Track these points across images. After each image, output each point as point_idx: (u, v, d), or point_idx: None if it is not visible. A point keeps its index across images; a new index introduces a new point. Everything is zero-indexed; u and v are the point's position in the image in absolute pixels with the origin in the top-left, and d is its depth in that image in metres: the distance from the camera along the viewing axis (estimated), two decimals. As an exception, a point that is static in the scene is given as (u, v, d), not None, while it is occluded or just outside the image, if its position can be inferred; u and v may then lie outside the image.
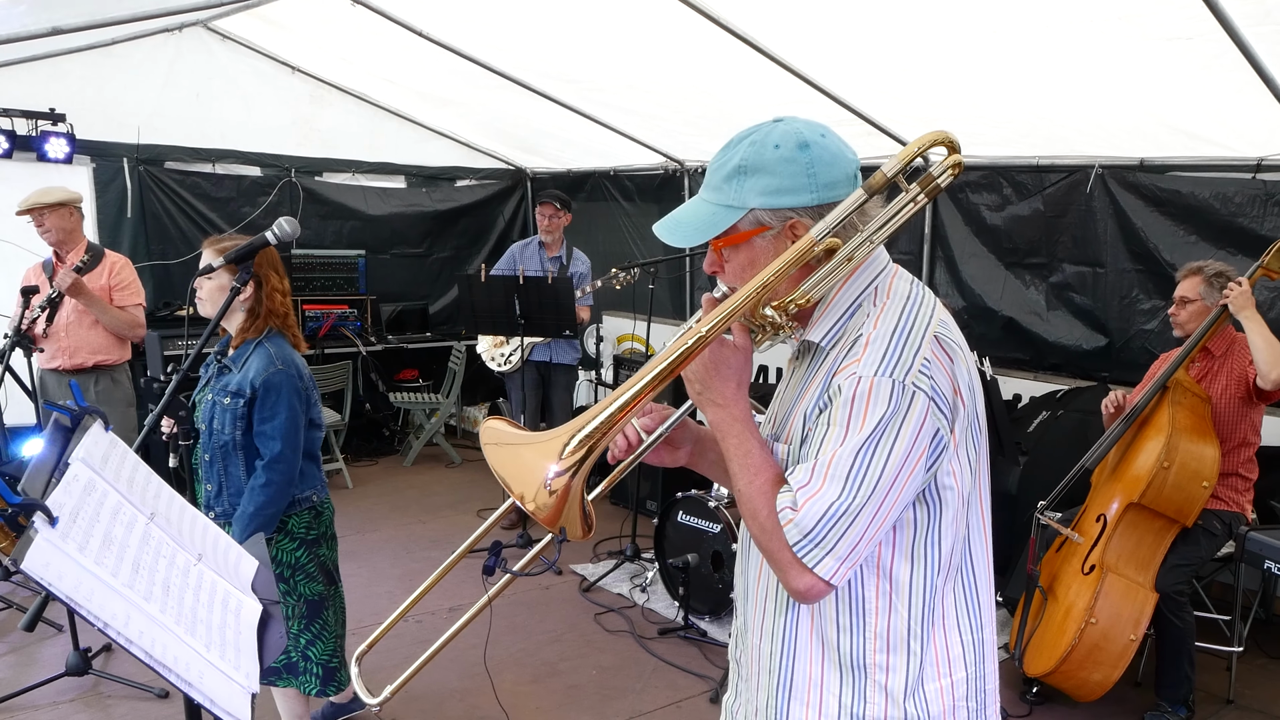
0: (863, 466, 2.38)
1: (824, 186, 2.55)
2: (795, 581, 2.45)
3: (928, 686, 2.65)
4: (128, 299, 8.54)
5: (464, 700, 6.91)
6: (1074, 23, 6.86)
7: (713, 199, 2.65)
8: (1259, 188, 8.20)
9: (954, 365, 2.52)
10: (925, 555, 2.60)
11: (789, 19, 7.84)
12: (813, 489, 2.41)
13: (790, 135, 2.58)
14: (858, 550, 2.42)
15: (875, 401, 2.41)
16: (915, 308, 2.58)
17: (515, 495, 2.43)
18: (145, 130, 11.50)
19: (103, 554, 2.52)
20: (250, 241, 4.99)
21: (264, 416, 5.43)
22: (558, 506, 2.42)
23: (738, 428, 2.59)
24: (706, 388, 2.61)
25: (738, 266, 2.67)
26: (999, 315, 10.00)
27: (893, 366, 2.43)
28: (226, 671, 2.67)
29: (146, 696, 6.82)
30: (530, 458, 2.47)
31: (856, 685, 2.65)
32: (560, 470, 2.42)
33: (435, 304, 14.38)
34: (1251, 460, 6.95)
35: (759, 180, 2.56)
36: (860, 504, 2.38)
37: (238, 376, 5.44)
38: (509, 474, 2.47)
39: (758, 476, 2.54)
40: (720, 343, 2.56)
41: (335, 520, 5.97)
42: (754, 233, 2.60)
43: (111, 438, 3.01)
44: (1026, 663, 6.79)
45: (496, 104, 11.71)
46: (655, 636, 7.96)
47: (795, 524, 2.40)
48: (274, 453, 5.43)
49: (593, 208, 13.95)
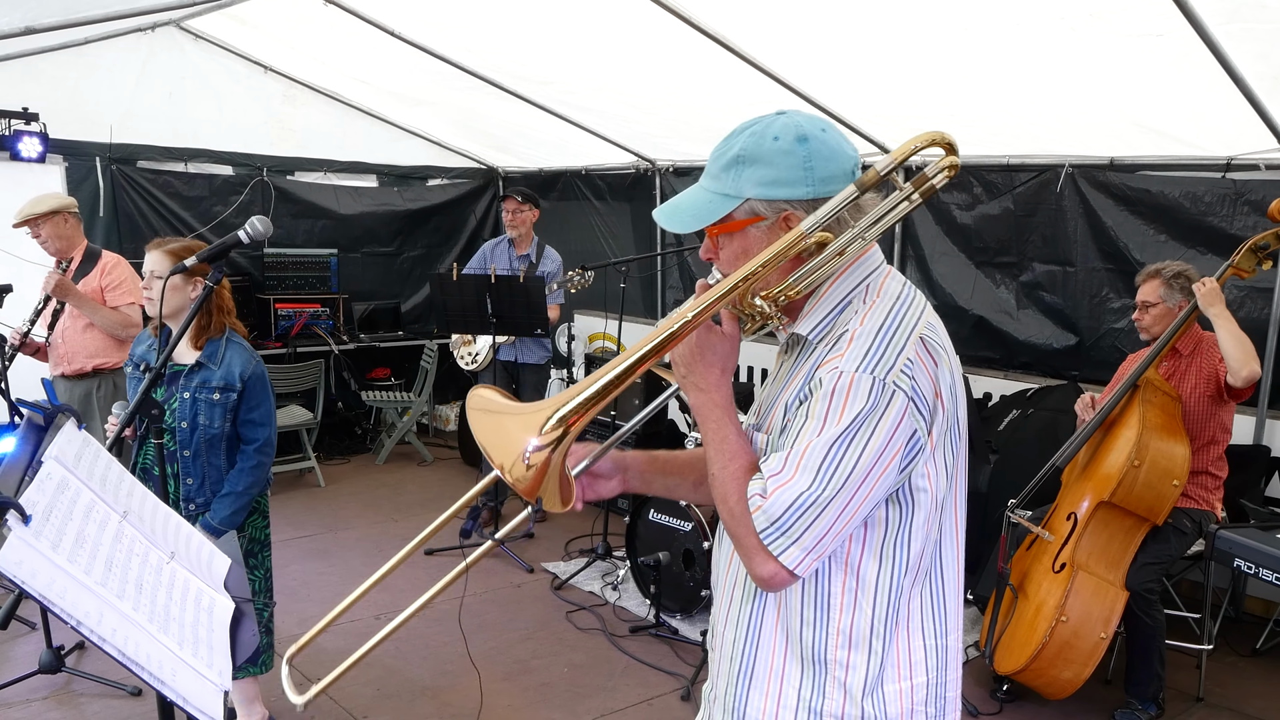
0: (836, 459, 2.40)
1: (820, 181, 2.57)
2: (759, 568, 2.47)
3: (887, 687, 2.66)
4: (120, 298, 8.39)
5: (436, 698, 6.92)
6: (1044, 21, 6.89)
7: (711, 187, 2.67)
8: (1229, 187, 8.25)
9: (938, 368, 2.54)
10: (894, 555, 2.61)
11: (761, 19, 7.85)
12: (784, 478, 2.43)
13: (790, 128, 2.60)
14: (824, 542, 2.43)
15: (854, 397, 2.42)
16: (904, 308, 2.59)
17: (495, 464, 2.45)
18: (118, 129, 11.49)
19: (76, 552, 2.53)
20: (223, 240, 4.99)
21: (252, 406, 5.83)
22: (536, 479, 2.44)
23: (717, 413, 2.62)
24: (691, 371, 2.63)
25: (731, 254, 2.68)
26: (969, 314, 10.05)
27: (875, 364, 2.45)
28: (199, 669, 2.68)
29: (119, 694, 6.80)
30: (513, 429, 2.50)
31: (816, 679, 2.66)
32: (540, 444, 2.44)
33: (407, 303, 14.38)
34: (1221, 458, 6.98)
35: (756, 171, 2.58)
36: (830, 496, 2.40)
37: (219, 372, 5.74)
38: (491, 443, 2.49)
39: (732, 462, 2.56)
40: (708, 328, 2.59)
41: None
42: (748, 222, 2.62)
43: (84, 436, 3.01)
44: (997, 660, 6.81)
45: (468, 103, 11.73)
46: (627, 634, 7.97)
47: (764, 511, 2.42)
48: (265, 437, 5.90)
49: (565, 207, 13.99)
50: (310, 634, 3.30)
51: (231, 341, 5.85)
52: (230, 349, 5.81)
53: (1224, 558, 6.47)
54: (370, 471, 12.75)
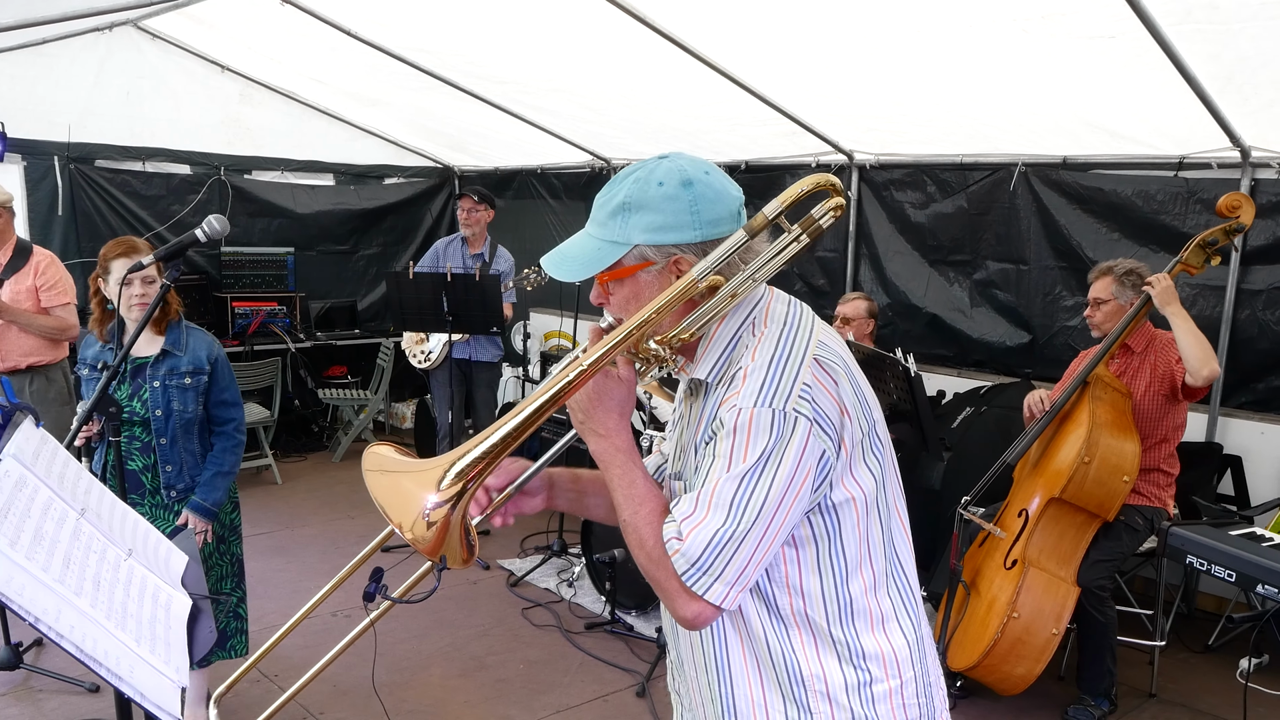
0: (746, 494, 2.43)
1: (707, 224, 2.60)
2: (683, 610, 2.51)
3: (875, 688, 2.68)
4: (55, 299, 8.37)
5: (392, 694, 6.91)
6: (997, 23, 6.93)
7: (598, 234, 2.69)
8: (1181, 185, 8.33)
9: (838, 386, 2.56)
10: (833, 566, 2.64)
11: (717, 19, 7.88)
12: (697, 518, 2.46)
13: (674, 173, 2.62)
14: (746, 573, 2.47)
15: (756, 432, 2.45)
16: (792, 334, 2.62)
17: (394, 524, 2.45)
18: (76, 129, 11.45)
19: (34, 549, 2.54)
20: (179, 239, 5.00)
21: (223, 386, 6.03)
22: (437, 537, 2.44)
23: (621, 458, 2.64)
24: (589, 418, 2.64)
25: (622, 299, 2.70)
26: (923, 312, 10.10)
27: (771, 395, 2.47)
28: (156, 666, 2.69)
29: (78, 690, 6.80)
30: (410, 487, 2.50)
31: (799, 700, 2.68)
32: (439, 501, 2.45)
33: (363, 301, 14.36)
34: (1173, 456, 7.02)
35: (643, 217, 2.61)
36: (745, 530, 2.43)
37: (186, 358, 5.89)
38: (389, 503, 2.49)
39: (642, 506, 2.58)
40: (605, 374, 2.60)
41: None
42: (638, 267, 2.64)
43: (42, 434, 3.02)
44: (950, 657, 6.84)
45: (424, 103, 11.73)
46: (582, 631, 7.99)
47: (682, 554, 2.45)
48: (239, 417, 6.13)
49: (520, 205, 14.00)
50: (239, 673, 3.29)
51: (191, 327, 5.99)
52: (191, 334, 5.94)
53: (1176, 554, 6.51)
54: (327, 469, 12.75)
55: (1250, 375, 8.35)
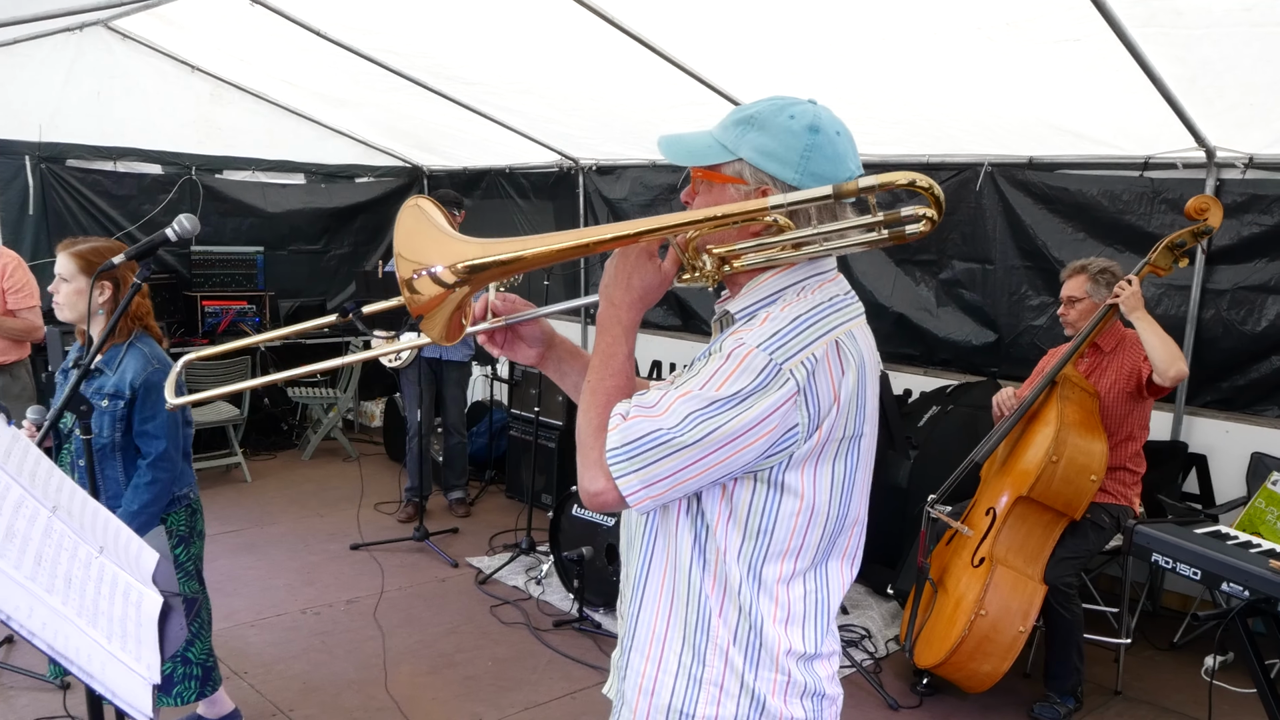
0: (705, 417, 2.42)
1: (811, 175, 2.58)
2: (590, 483, 2.51)
3: (761, 672, 2.66)
4: (21, 302, 8.43)
5: (361, 691, 6.93)
6: (961, 30, 6.97)
7: (716, 134, 2.69)
8: (1146, 185, 8.37)
9: (844, 376, 2.54)
10: (756, 535, 2.60)
11: (684, 20, 7.91)
12: (652, 411, 2.46)
13: (809, 115, 2.64)
14: (663, 484, 2.46)
15: (743, 370, 2.44)
16: (829, 311, 2.60)
17: (396, 252, 2.53)
18: (47, 128, 11.45)
19: (5, 547, 2.55)
20: (150, 239, 4.98)
21: (146, 416, 5.51)
22: (427, 305, 2.52)
23: (617, 330, 2.65)
24: (613, 283, 2.65)
25: (703, 204, 2.68)
26: (890, 311, 10.11)
27: (777, 346, 2.46)
28: (128, 663, 2.70)
29: (48, 688, 6.77)
30: (428, 247, 2.55)
31: (697, 646, 2.68)
32: (440, 272, 2.51)
33: (333, 300, 14.31)
34: (1139, 454, 7.06)
35: (758, 136, 2.61)
36: (685, 444, 2.43)
37: (113, 379, 5.47)
38: (405, 247, 2.55)
39: (610, 379, 2.61)
40: (650, 255, 2.63)
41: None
42: (730, 180, 2.63)
43: (14, 432, 3.03)
44: (917, 654, 6.88)
45: (394, 103, 11.73)
46: (550, 628, 8.02)
47: (620, 430, 2.46)
48: (159, 451, 5.51)
49: (488, 205, 14.01)
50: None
51: (133, 346, 5.57)
52: (129, 354, 5.54)
53: (1142, 552, 6.53)
54: (296, 467, 12.76)
55: (1215, 374, 8.38)
